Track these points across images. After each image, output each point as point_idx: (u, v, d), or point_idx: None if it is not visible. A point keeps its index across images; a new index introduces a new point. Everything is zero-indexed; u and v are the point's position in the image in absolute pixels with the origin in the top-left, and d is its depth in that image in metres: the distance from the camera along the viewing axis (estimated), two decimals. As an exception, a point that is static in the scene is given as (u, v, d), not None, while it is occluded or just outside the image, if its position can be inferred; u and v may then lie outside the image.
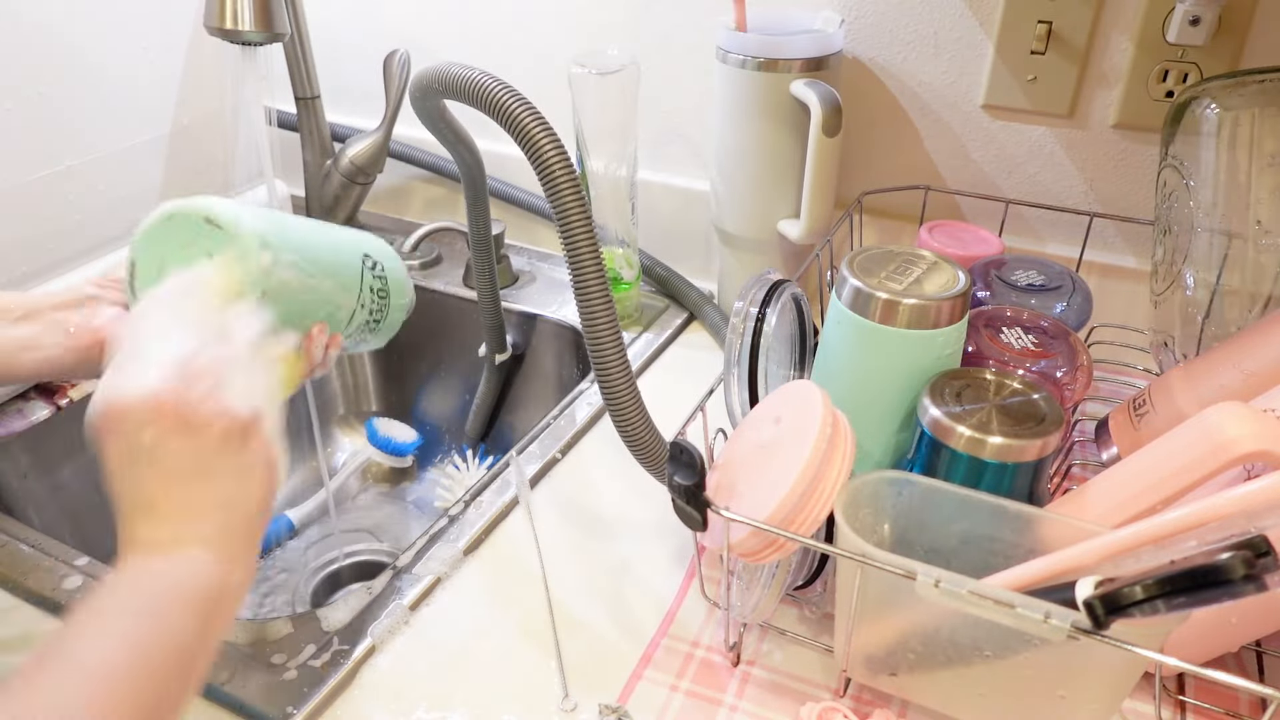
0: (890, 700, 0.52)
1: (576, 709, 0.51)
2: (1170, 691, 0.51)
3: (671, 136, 0.92)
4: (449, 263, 0.99)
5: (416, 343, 0.99)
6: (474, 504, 0.66)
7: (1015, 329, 0.59)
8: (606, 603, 0.58)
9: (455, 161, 0.73)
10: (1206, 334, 0.62)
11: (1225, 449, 0.42)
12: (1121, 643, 0.38)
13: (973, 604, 0.40)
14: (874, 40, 0.80)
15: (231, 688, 0.52)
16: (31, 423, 0.74)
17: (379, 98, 0.92)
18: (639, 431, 0.55)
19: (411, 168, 1.05)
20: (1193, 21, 0.67)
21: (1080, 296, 0.66)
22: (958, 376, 0.51)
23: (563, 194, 0.52)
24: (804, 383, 0.51)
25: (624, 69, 0.76)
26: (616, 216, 0.83)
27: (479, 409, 0.94)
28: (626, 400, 0.54)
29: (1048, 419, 0.48)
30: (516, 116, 0.52)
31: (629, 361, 0.54)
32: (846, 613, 0.47)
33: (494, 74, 0.54)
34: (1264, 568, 0.32)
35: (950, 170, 0.83)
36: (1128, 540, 0.40)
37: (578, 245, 0.52)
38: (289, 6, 0.80)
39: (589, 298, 0.53)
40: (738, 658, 0.54)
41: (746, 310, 0.57)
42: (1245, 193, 0.60)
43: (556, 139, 0.52)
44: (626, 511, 0.66)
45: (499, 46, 0.96)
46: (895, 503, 0.49)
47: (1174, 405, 0.56)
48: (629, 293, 0.87)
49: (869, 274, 0.52)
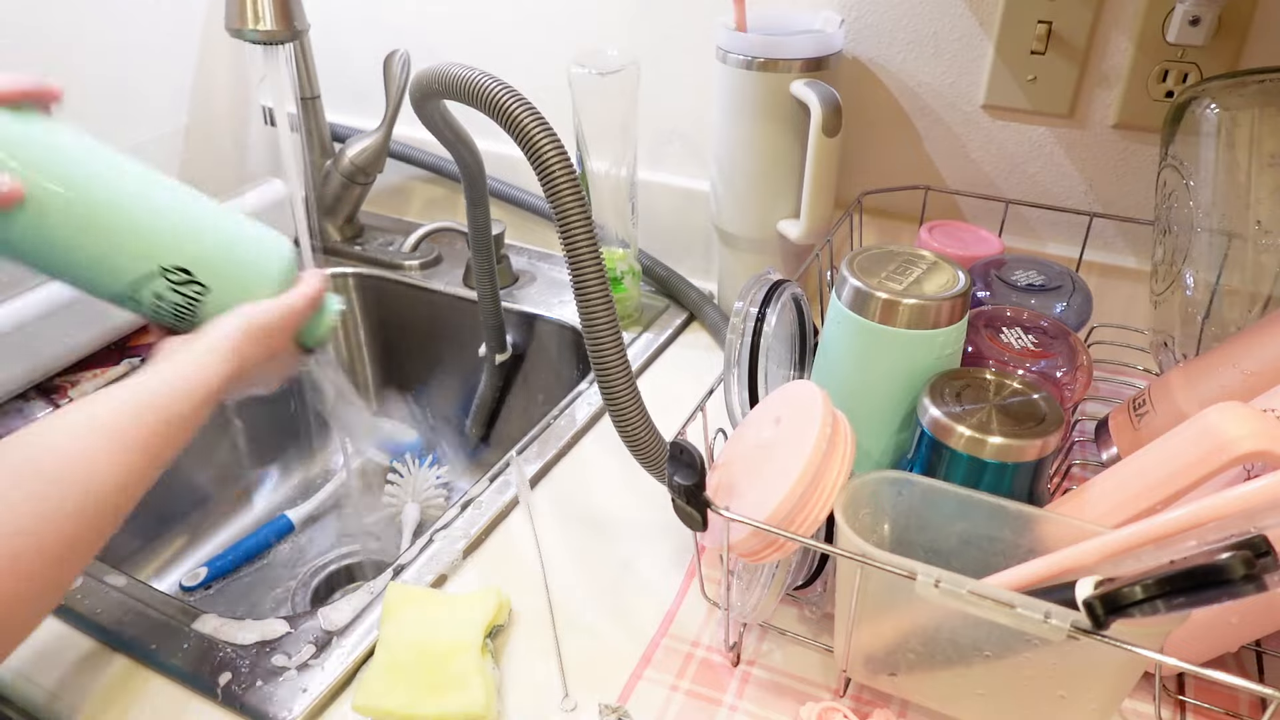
0: (890, 700, 0.52)
1: (576, 709, 0.51)
2: (1170, 691, 0.51)
3: (671, 136, 0.92)
4: (449, 263, 0.99)
5: (416, 343, 0.99)
6: (474, 504, 0.66)
7: (1015, 329, 0.59)
8: (606, 603, 0.58)
9: (455, 161, 0.73)
10: (1206, 334, 0.62)
11: (1225, 449, 0.42)
12: (1121, 643, 0.38)
13: (973, 604, 0.40)
14: (874, 40, 0.80)
15: (232, 688, 0.52)
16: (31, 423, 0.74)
17: (379, 98, 0.92)
18: (639, 432, 0.55)
19: (411, 168, 1.05)
20: (1193, 21, 0.67)
21: (1080, 296, 0.66)
22: (958, 376, 0.51)
23: (562, 194, 0.52)
24: (804, 383, 0.51)
25: (624, 69, 0.76)
26: (616, 216, 0.83)
27: (479, 409, 0.94)
28: (626, 401, 0.54)
29: (1048, 419, 0.48)
30: (516, 117, 0.53)
31: (629, 362, 0.54)
32: (846, 613, 0.47)
33: (494, 74, 0.54)
34: (1264, 568, 0.32)
35: (950, 170, 0.83)
36: (1128, 540, 0.40)
37: (577, 245, 0.52)
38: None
39: (589, 298, 0.53)
40: (738, 658, 0.54)
41: (746, 310, 0.57)
42: (1245, 193, 0.60)
43: (556, 139, 0.52)
44: (626, 511, 0.66)
45: (499, 46, 0.96)
46: (895, 503, 0.49)
47: (1174, 405, 0.56)
48: (629, 293, 0.87)
49: (869, 274, 0.52)
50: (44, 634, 0.56)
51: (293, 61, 0.92)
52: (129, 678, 0.54)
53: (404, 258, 0.98)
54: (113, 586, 0.59)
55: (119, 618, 0.57)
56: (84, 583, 0.59)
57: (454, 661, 0.51)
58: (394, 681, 0.51)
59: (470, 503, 0.66)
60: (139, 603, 0.58)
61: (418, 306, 0.97)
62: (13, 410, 0.74)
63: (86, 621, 0.57)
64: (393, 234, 1.03)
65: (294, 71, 0.93)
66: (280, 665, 0.53)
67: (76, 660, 0.55)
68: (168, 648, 0.55)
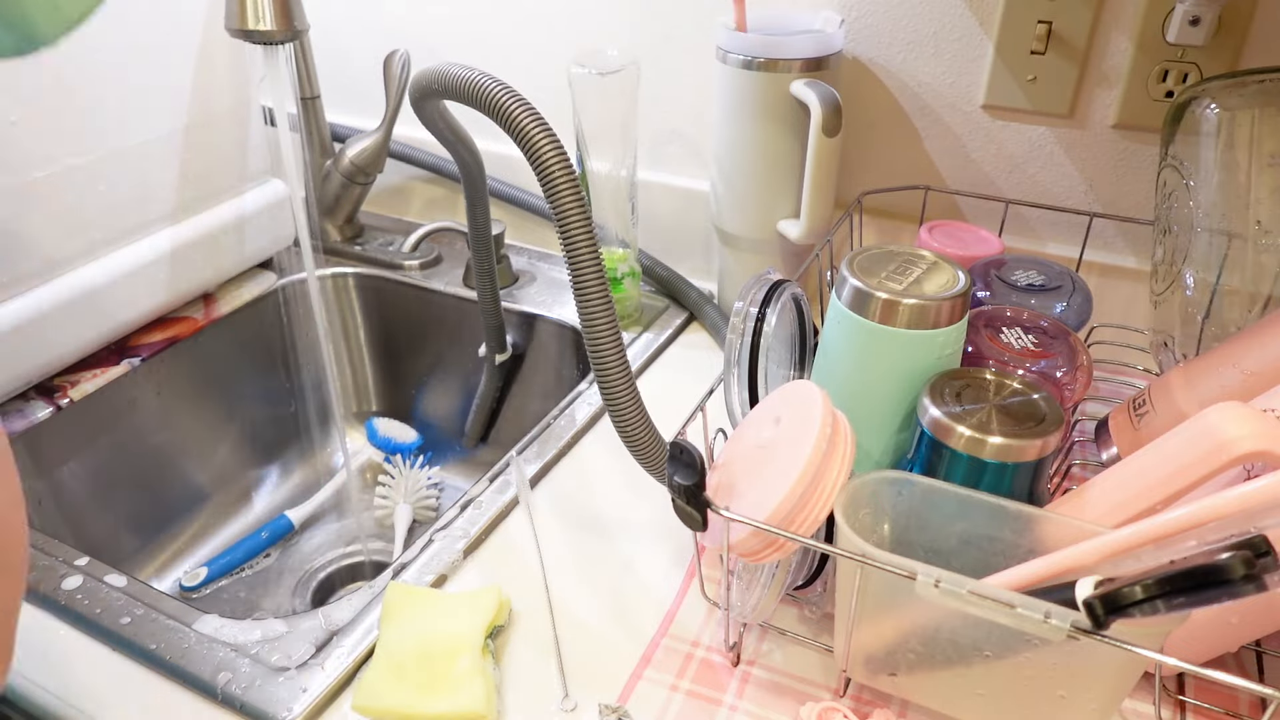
0: (890, 700, 0.52)
1: (576, 709, 0.51)
2: (1170, 691, 0.51)
3: (671, 136, 0.92)
4: (449, 263, 0.99)
5: (416, 343, 0.99)
6: (474, 504, 0.66)
7: (1015, 329, 0.59)
8: (606, 603, 0.58)
9: (455, 161, 0.73)
10: (1206, 334, 0.62)
11: (1225, 449, 0.42)
12: (1121, 643, 0.38)
13: (973, 604, 0.40)
14: (874, 40, 0.80)
15: (232, 688, 0.52)
16: (31, 423, 0.74)
17: (379, 98, 0.92)
18: (639, 432, 0.55)
19: (411, 168, 1.05)
20: (1193, 21, 0.67)
21: (1080, 296, 0.66)
22: (958, 376, 0.51)
23: (562, 195, 0.52)
24: (804, 383, 0.50)
25: (624, 69, 0.76)
26: (616, 216, 0.83)
27: (479, 409, 0.94)
28: (626, 401, 0.54)
29: (1048, 419, 0.48)
30: (516, 117, 0.52)
31: (629, 363, 0.54)
32: (846, 613, 0.47)
33: (493, 74, 0.54)
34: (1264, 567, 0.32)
35: (950, 170, 0.83)
36: (1128, 540, 0.40)
37: (577, 246, 0.52)
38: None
39: (589, 298, 0.53)
40: (738, 658, 0.54)
41: (746, 310, 0.57)
42: (1245, 193, 0.60)
43: (556, 140, 0.52)
44: (626, 511, 0.66)
45: (499, 46, 0.96)
46: (895, 503, 0.49)
47: (1174, 405, 0.56)
48: (629, 293, 0.87)
49: (869, 274, 0.52)
50: (44, 634, 0.56)
51: (293, 61, 0.92)
52: (129, 678, 0.54)
53: (404, 258, 0.98)
54: (113, 586, 0.59)
55: (119, 618, 0.57)
56: (84, 582, 0.59)
57: (454, 661, 0.51)
58: (394, 681, 0.51)
59: (470, 503, 0.66)
60: (139, 603, 0.58)
61: (418, 306, 0.97)
62: (13, 410, 0.74)
63: (86, 621, 0.57)
64: (393, 234, 1.03)
65: (294, 71, 0.93)
66: (280, 665, 0.53)
67: (77, 660, 0.55)
68: (168, 648, 0.55)
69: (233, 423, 0.92)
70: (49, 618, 0.57)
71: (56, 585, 0.59)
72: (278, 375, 0.96)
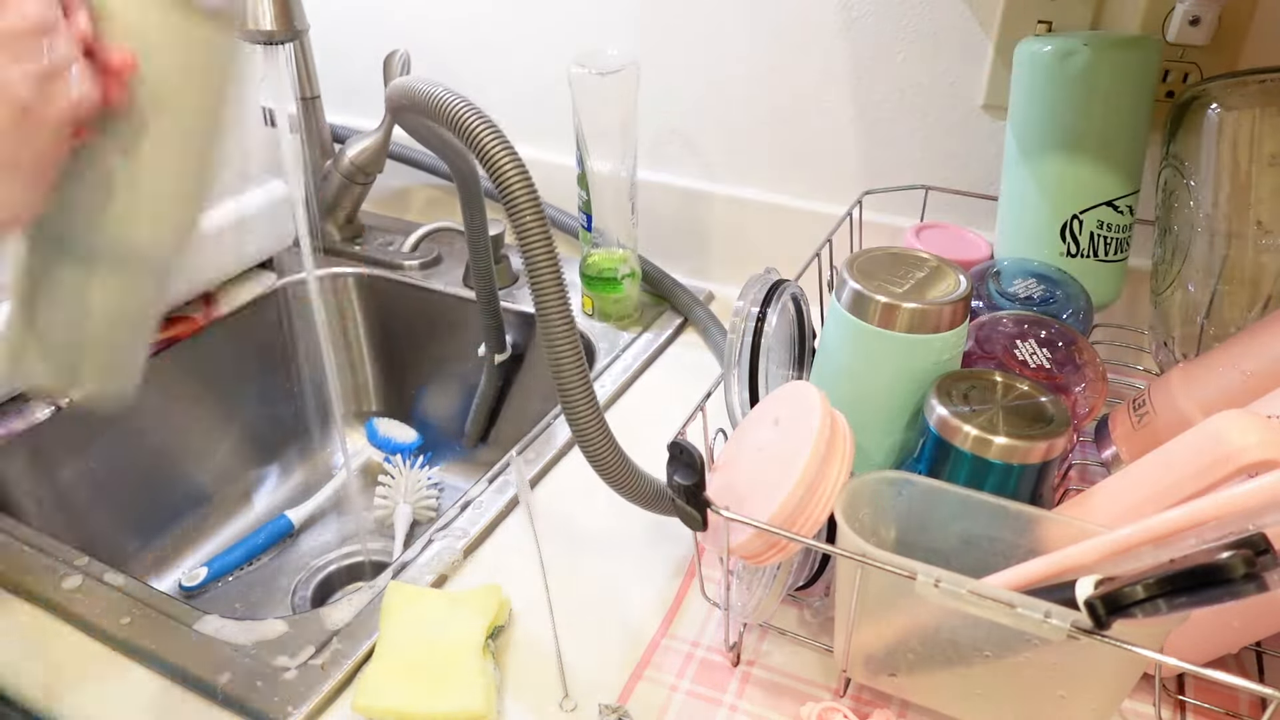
0: (890, 700, 0.52)
1: (576, 709, 0.51)
2: (1170, 691, 0.51)
3: (671, 136, 0.92)
4: (449, 263, 0.99)
5: (416, 343, 0.99)
6: (474, 504, 0.66)
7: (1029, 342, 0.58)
8: (606, 603, 0.58)
9: (448, 166, 0.72)
10: (1206, 334, 0.62)
11: (1231, 459, 0.41)
12: (1121, 643, 0.38)
13: (973, 604, 0.40)
14: (874, 40, 0.80)
15: (231, 688, 0.52)
16: (31, 423, 0.74)
17: (379, 98, 0.92)
18: (609, 461, 0.53)
19: (411, 168, 1.05)
20: (1193, 21, 0.67)
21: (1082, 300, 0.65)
22: (965, 377, 0.51)
23: (523, 214, 0.49)
24: (802, 384, 0.50)
25: (624, 69, 0.76)
26: (617, 216, 0.83)
27: (479, 409, 0.94)
28: (593, 428, 0.52)
29: (1054, 421, 0.48)
30: (475, 132, 0.50)
31: (591, 384, 0.52)
32: (846, 613, 0.47)
33: (457, 90, 0.52)
34: (1264, 566, 0.32)
35: (950, 170, 0.83)
36: (1127, 540, 0.40)
37: (540, 272, 0.49)
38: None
39: (553, 336, 0.50)
40: (738, 658, 0.54)
41: (747, 310, 0.57)
42: (1245, 193, 0.60)
43: (517, 159, 0.49)
44: (627, 512, 0.66)
45: (500, 46, 0.96)
46: (895, 503, 0.49)
47: (1174, 405, 0.56)
48: (628, 294, 0.87)
49: (869, 277, 0.52)
50: (43, 634, 0.56)
51: (293, 61, 0.92)
52: (129, 678, 0.54)
53: (404, 258, 0.98)
54: (113, 586, 0.59)
55: (119, 618, 0.57)
56: (84, 582, 0.59)
57: (454, 661, 0.51)
58: (394, 681, 0.51)
59: (470, 503, 0.66)
60: (139, 603, 0.58)
61: (418, 306, 0.97)
62: (13, 410, 0.74)
63: (86, 621, 0.57)
64: (393, 234, 1.03)
65: (294, 71, 0.93)
66: (280, 665, 0.53)
67: (76, 660, 0.55)
68: (168, 648, 0.55)
69: (233, 423, 0.92)
70: (49, 618, 0.57)
71: (56, 585, 0.59)
72: (278, 375, 0.96)
